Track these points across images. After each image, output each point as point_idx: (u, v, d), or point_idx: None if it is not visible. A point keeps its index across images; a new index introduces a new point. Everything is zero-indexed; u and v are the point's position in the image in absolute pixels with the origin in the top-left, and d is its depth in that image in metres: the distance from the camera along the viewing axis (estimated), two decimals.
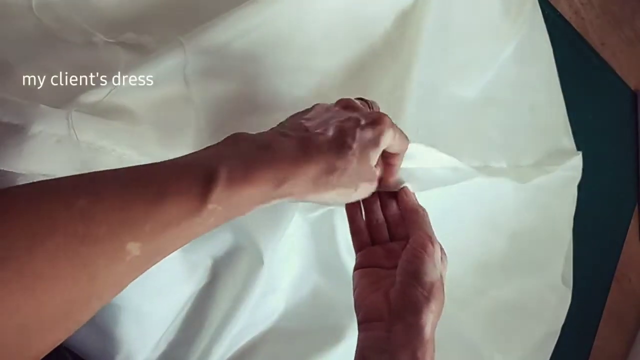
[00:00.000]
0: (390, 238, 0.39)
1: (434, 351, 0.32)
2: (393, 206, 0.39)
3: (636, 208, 0.98)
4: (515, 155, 0.66)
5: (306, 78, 0.47)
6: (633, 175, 0.97)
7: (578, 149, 0.71)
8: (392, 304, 0.33)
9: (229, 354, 0.46)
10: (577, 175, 0.69)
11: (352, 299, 0.36)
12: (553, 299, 0.66)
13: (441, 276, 0.34)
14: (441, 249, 0.36)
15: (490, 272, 0.63)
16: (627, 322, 0.98)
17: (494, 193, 0.63)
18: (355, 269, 0.38)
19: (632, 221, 0.97)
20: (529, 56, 0.69)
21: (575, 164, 0.69)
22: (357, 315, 0.35)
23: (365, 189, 0.34)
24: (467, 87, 0.62)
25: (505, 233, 0.65)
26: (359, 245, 0.39)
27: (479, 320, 0.59)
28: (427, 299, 0.32)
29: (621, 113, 0.96)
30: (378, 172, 0.37)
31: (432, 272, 0.33)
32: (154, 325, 0.43)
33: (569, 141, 0.71)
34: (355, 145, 0.32)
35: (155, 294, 0.42)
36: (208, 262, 0.45)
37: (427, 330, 0.31)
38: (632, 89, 0.99)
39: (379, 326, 0.33)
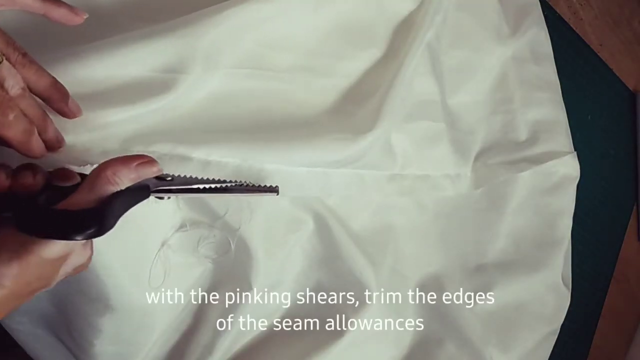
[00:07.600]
0: None
1: None
2: None
3: (634, 208, 0.98)
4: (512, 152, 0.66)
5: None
6: (631, 176, 0.98)
7: (576, 149, 0.71)
8: None
9: (234, 349, 0.47)
10: (576, 175, 0.70)
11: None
12: (552, 298, 0.66)
13: None
14: None
15: (490, 272, 0.63)
16: (626, 321, 0.98)
17: (491, 193, 0.64)
18: None
19: (631, 221, 0.97)
20: (530, 57, 0.70)
21: (571, 162, 0.69)
22: None
23: None
24: (465, 92, 0.63)
25: (504, 233, 0.65)
26: None
27: (479, 320, 0.59)
28: None
29: (620, 114, 0.97)
30: None
31: None
32: (153, 320, 0.43)
33: (567, 141, 0.71)
34: None
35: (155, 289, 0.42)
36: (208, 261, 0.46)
37: None
38: (631, 89, 0.99)
39: None
